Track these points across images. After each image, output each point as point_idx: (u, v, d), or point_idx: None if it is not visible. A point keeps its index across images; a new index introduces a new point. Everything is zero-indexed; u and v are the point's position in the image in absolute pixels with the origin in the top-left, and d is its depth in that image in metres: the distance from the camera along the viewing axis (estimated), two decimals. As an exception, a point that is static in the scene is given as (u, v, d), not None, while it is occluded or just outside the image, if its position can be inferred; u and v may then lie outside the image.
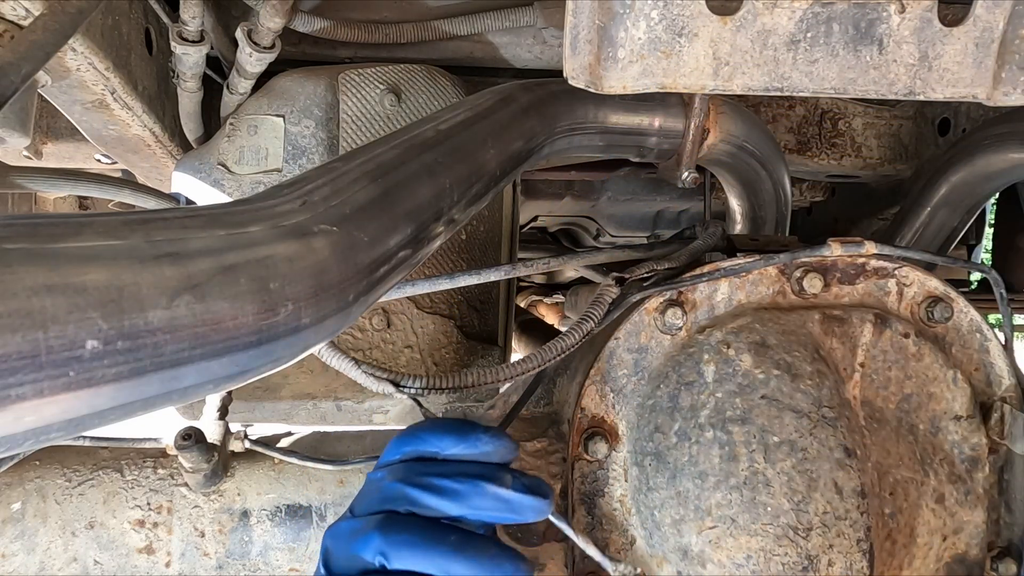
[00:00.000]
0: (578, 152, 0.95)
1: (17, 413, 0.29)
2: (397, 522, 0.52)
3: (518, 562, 0.53)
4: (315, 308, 0.41)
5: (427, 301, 0.98)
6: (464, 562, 0.51)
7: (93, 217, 0.34)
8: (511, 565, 0.53)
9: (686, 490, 0.71)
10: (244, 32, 0.87)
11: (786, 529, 0.68)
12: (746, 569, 0.68)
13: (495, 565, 0.52)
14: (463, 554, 0.51)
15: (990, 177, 1.03)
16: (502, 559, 0.53)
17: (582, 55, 0.60)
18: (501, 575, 0.52)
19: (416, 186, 0.53)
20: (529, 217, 1.95)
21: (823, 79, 0.61)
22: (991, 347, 0.79)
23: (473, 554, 0.51)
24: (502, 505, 0.54)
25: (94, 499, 0.85)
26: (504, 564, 0.52)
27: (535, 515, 0.55)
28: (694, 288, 0.75)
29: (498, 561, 0.52)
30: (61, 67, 0.73)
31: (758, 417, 0.71)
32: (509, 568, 0.52)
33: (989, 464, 0.78)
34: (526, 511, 0.54)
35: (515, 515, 0.54)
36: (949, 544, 0.77)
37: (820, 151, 1.32)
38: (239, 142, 0.96)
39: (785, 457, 0.70)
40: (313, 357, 0.97)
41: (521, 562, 0.53)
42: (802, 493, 0.69)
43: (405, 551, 0.51)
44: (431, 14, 1.00)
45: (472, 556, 0.51)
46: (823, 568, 0.67)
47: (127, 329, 0.31)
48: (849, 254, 0.75)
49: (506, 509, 0.54)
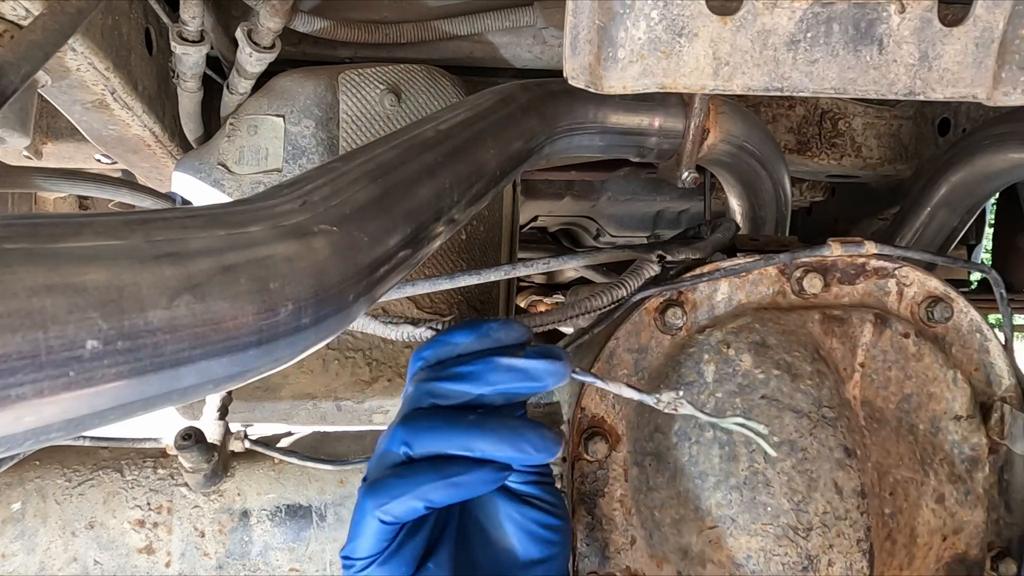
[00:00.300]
0: (578, 152, 0.95)
1: (17, 413, 0.29)
2: (418, 414, 0.52)
3: (541, 431, 0.52)
4: (315, 308, 0.41)
5: (427, 301, 0.98)
6: (484, 436, 0.50)
7: (93, 217, 0.34)
8: (534, 435, 0.51)
9: (686, 490, 0.71)
10: (244, 32, 0.87)
11: (786, 529, 0.68)
12: (746, 569, 0.68)
13: (518, 436, 0.50)
14: (482, 429, 0.50)
15: (990, 177, 1.03)
16: (524, 429, 0.51)
17: (582, 55, 0.60)
18: (525, 445, 0.50)
19: (416, 186, 0.53)
20: (529, 217, 1.95)
21: (823, 79, 0.61)
22: (991, 347, 0.79)
23: (493, 427, 0.51)
24: (518, 375, 0.52)
25: (94, 499, 0.85)
26: (526, 434, 0.51)
27: (554, 379, 0.53)
28: (694, 288, 0.75)
29: (521, 432, 0.51)
30: (61, 67, 0.73)
31: (758, 417, 0.71)
32: (532, 437, 0.51)
33: (989, 464, 0.78)
34: (543, 376, 0.53)
35: (534, 382, 0.53)
36: (949, 544, 0.77)
37: (820, 151, 1.32)
38: (239, 142, 0.96)
39: (785, 457, 0.70)
40: (313, 357, 0.97)
41: (545, 431, 0.52)
42: (802, 493, 0.69)
43: (425, 436, 0.51)
44: (431, 14, 1.00)
45: (493, 429, 0.50)
46: (823, 568, 0.67)
47: (127, 329, 0.31)
48: (849, 254, 0.75)
49: (523, 378, 0.52)
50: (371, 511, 0.50)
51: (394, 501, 0.49)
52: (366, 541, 0.50)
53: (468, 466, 0.50)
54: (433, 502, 0.49)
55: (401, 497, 0.49)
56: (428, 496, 0.49)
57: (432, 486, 0.49)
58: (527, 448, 0.50)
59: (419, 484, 0.49)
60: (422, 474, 0.50)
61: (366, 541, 0.50)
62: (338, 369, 0.96)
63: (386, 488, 0.50)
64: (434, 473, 0.49)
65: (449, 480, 0.49)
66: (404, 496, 0.49)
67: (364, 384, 0.96)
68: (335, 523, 0.88)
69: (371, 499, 0.50)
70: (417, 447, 0.51)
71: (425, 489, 0.49)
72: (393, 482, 0.50)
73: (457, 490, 0.50)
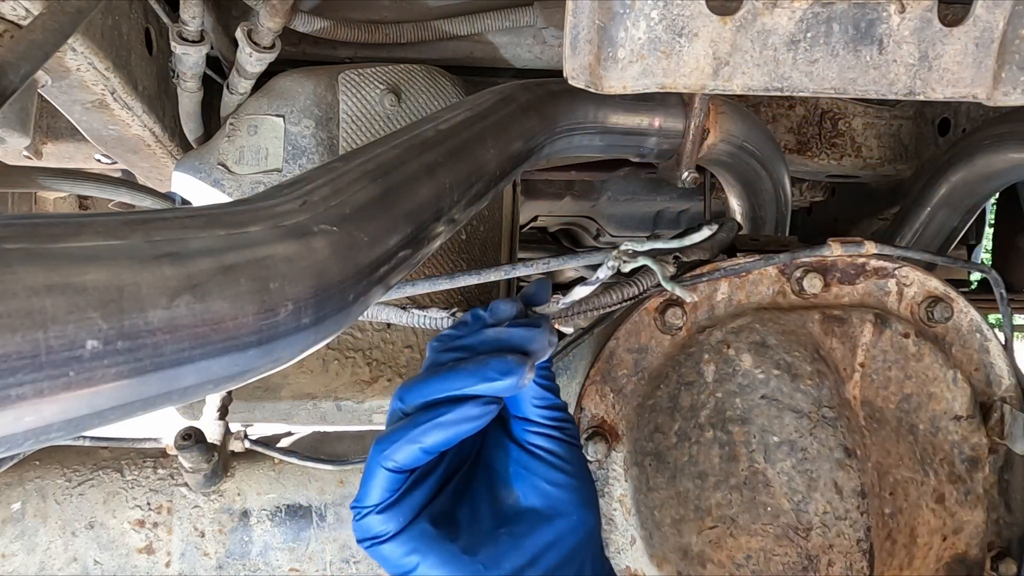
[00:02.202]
0: (578, 152, 0.95)
1: (17, 413, 0.29)
2: (413, 378, 0.57)
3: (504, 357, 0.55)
4: (315, 308, 0.41)
5: (427, 301, 0.98)
6: (457, 374, 0.54)
7: (93, 217, 0.34)
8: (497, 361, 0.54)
9: (686, 490, 0.71)
10: (244, 32, 0.87)
11: (786, 529, 0.68)
12: (746, 569, 0.68)
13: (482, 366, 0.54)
14: (456, 370, 0.54)
15: (990, 177, 1.03)
16: (489, 359, 0.54)
17: (582, 55, 0.60)
18: (489, 372, 0.53)
19: (416, 186, 0.53)
20: (529, 217, 1.95)
21: (823, 79, 0.61)
22: (991, 347, 0.79)
23: (464, 366, 0.54)
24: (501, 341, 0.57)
25: (94, 499, 0.85)
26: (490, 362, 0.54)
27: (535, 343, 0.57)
28: (694, 288, 0.75)
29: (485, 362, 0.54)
30: (61, 67, 0.73)
31: (758, 417, 0.71)
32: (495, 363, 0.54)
33: (989, 464, 0.78)
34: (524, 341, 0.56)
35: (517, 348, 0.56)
36: (949, 544, 0.77)
37: (820, 151, 1.32)
38: (239, 142, 0.96)
39: (785, 457, 0.70)
40: (313, 357, 0.97)
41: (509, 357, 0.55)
42: (802, 493, 0.69)
43: (412, 389, 0.55)
44: (431, 14, 1.00)
45: (464, 367, 0.54)
46: (823, 568, 0.67)
47: (127, 329, 0.31)
48: (849, 254, 0.75)
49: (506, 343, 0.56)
50: (376, 460, 0.54)
51: (392, 446, 0.53)
52: (373, 490, 0.54)
53: (451, 406, 0.53)
54: (428, 445, 0.53)
55: (398, 442, 0.53)
56: (420, 439, 0.53)
57: (422, 428, 0.53)
58: (491, 374, 0.53)
59: (412, 428, 0.53)
60: (415, 420, 0.53)
61: (373, 490, 0.54)
62: (338, 369, 0.96)
63: (388, 438, 0.54)
64: (424, 416, 0.53)
65: (436, 421, 0.53)
66: (400, 441, 0.53)
67: (364, 384, 0.95)
68: (335, 523, 0.88)
69: (377, 447, 0.54)
70: (408, 399, 0.55)
71: (417, 432, 0.53)
72: (393, 432, 0.54)
73: (445, 430, 0.53)
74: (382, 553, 0.55)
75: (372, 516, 0.54)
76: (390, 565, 0.55)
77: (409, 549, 0.54)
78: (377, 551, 0.55)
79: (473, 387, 0.54)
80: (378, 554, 0.55)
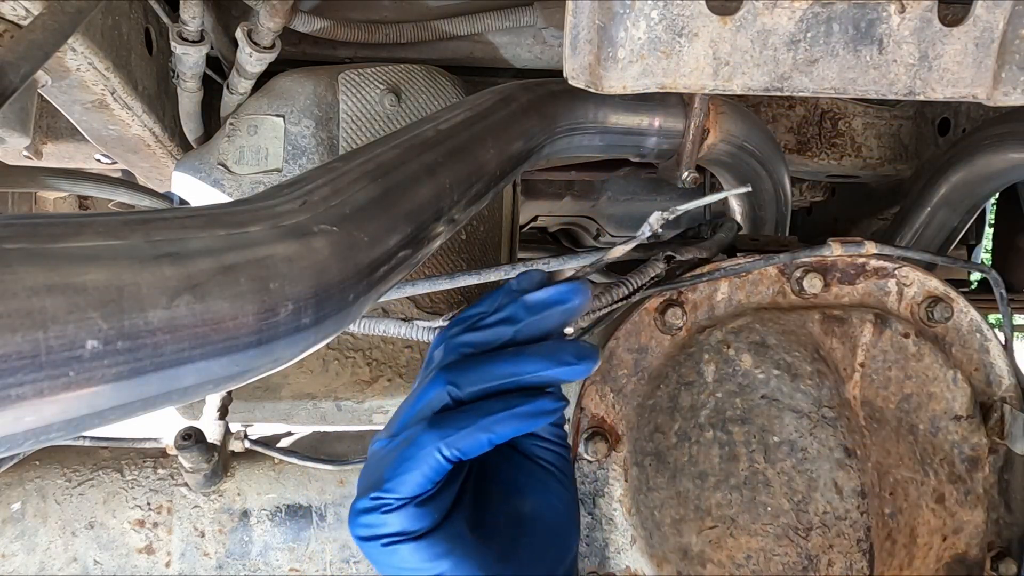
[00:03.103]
0: (578, 152, 0.95)
1: (17, 413, 0.29)
2: (456, 361, 0.52)
3: (577, 343, 0.52)
4: (315, 308, 0.41)
5: (427, 301, 0.98)
6: (529, 359, 0.50)
7: (93, 217, 0.34)
8: (572, 347, 0.51)
9: (686, 490, 0.71)
10: (244, 32, 0.87)
11: (786, 529, 0.68)
12: (746, 569, 0.68)
13: (558, 350, 0.50)
14: (524, 354, 0.50)
15: (990, 177, 1.03)
16: (562, 344, 0.51)
17: (582, 55, 0.60)
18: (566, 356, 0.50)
19: (416, 186, 0.53)
20: (529, 217, 1.95)
21: (823, 79, 0.61)
22: (991, 347, 0.79)
23: (533, 351, 0.50)
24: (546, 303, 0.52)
25: (94, 499, 0.85)
26: (565, 347, 0.51)
27: (580, 296, 0.53)
28: (694, 288, 0.75)
29: (559, 347, 0.51)
30: (61, 67, 0.73)
31: (758, 417, 0.71)
32: (570, 348, 0.51)
33: (989, 464, 0.78)
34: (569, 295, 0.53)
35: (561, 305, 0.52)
36: (949, 544, 0.77)
37: (820, 151, 1.32)
38: (239, 142, 0.96)
39: (785, 457, 0.70)
40: (313, 357, 0.97)
41: (581, 343, 0.52)
42: (802, 493, 0.69)
43: (472, 373, 0.50)
44: (431, 14, 1.00)
45: (534, 352, 0.50)
46: (823, 568, 0.67)
47: (127, 329, 0.31)
48: (849, 254, 0.75)
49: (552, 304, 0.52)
50: (432, 445, 0.47)
51: (459, 433, 0.47)
52: (415, 478, 0.47)
53: (529, 396, 0.49)
54: (498, 435, 0.48)
55: (467, 428, 0.47)
56: (494, 428, 0.48)
57: (496, 418, 0.48)
58: (569, 359, 0.50)
59: (483, 416, 0.48)
60: (486, 407, 0.48)
61: (415, 478, 0.47)
62: (338, 369, 0.96)
63: (451, 421, 0.48)
64: (497, 405, 0.48)
65: (513, 411, 0.48)
66: (470, 428, 0.47)
67: (364, 384, 0.96)
68: (335, 523, 0.88)
69: (435, 432, 0.47)
70: (466, 386, 0.49)
71: (489, 421, 0.48)
72: (457, 416, 0.48)
73: (519, 422, 0.48)
74: (401, 553, 0.47)
75: (408, 508, 0.47)
76: (407, 567, 0.48)
77: (442, 551, 0.48)
78: (395, 550, 0.47)
79: (546, 371, 0.49)
80: (394, 554, 0.48)
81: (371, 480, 0.49)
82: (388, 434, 0.51)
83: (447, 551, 0.48)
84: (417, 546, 0.47)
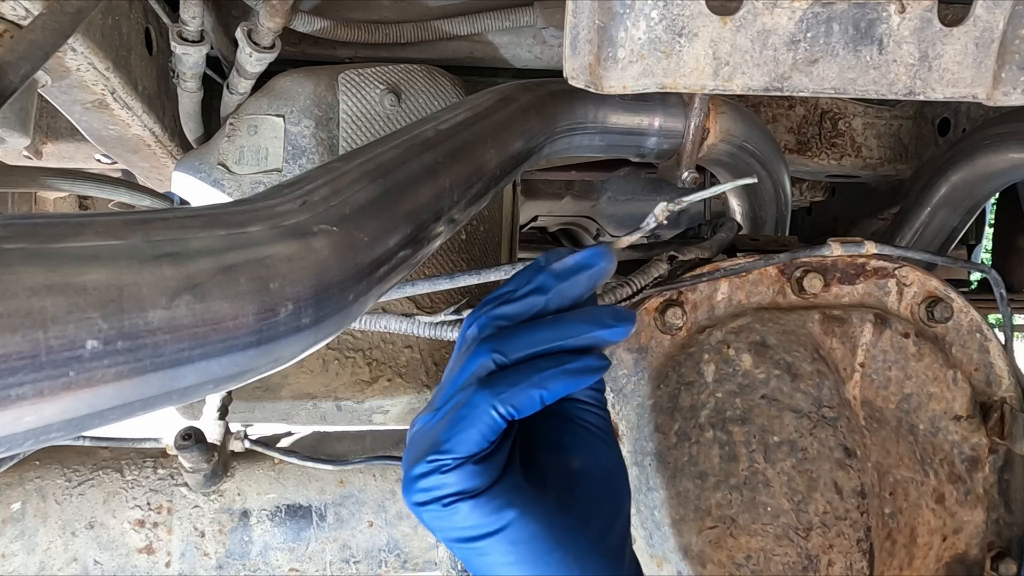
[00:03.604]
0: (578, 152, 0.95)
1: (17, 413, 0.29)
2: (495, 331, 0.52)
3: (612, 308, 0.53)
4: (315, 308, 0.41)
5: (427, 301, 0.98)
6: (571, 324, 0.51)
7: (93, 217, 0.34)
8: (609, 311, 0.52)
9: (686, 490, 0.71)
10: (244, 32, 0.87)
11: (786, 529, 0.68)
12: (746, 569, 0.68)
13: (598, 315, 0.52)
14: (565, 320, 0.51)
15: (990, 177, 1.03)
16: (599, 309, 0.52)
17: (582, 55, 0.60)
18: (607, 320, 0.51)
19: (416, 186, 0.53)
20: (529, 217, 1.95)
21: (823, 79, 0.61)
22: (991, 347, 0.79)
23: (573, 316, 0.51)
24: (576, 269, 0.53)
25: (94, 499, 0.85)
26: (603, 311, 0.52)
27: (606, 259, 0.54)
28: (694, 288, 0.75)
29: (598, 311, 0.52)
30: (61, 67, 0.73)
31: (758, 417, 0.71)
32: (608, 312, 0.52)
33: (989, 464, 0.78)
34: (596, 259, 0.53)
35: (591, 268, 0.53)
36: (949, 544, 0.77)
37: (820, 151, 1.32)
38: (239, 142, 0.96)
39: (785, 457, 0.70)
40: (313, 357, 0.97)
41: (616, 308, 0.53)
42: (802, 493, 0.69)
43: (516, 340, 0.50)
44: (431, 14, 1.00)
45: (574, 317, 0.51)
46: (823, 568, 0.67)
47: (127, 329, 0.31)
48: (849, 254, 0.75)
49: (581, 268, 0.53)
50: (487, 403, 0.48)
51: (513, 390, 0.48)
52: (472, 436, 0.48)
53: (578, 355, 0.50)
54: (550, 392, 0.49)
55: (520, 386, 0.48)
56: (547, 384, 0.49)
57: (547, 375, 0.49)
58: (608, 321, 0.51)
59: (535, 374, 0.49)
60: (536, 366, 0.49)
61: (472, 436, 0.48)
62: (338, 369, 0.96)
63: (504, 380, 0.49)
64: (547, 363, 0.49)
65: (563, 368, 0.49)
66: (523, 384, 0.48)
67: (364, 384, 0.95)
68: (335, 523, 0.88)
69: (488, 391, 0.48)
70: (511, 352, 0.50)
71: (541, 378, 0.49)
72: (508, 375, 0.49)
73: (571, 377, 0.49)
74: (462, 512, 0.48)
75: (466, 467, 0.47)
76: (468, 524, 0.48)
77: (505, 502, 0.48)
78: (456, 509, 0.48)
79: (588, 334, 0.50)
80: (455, 513, 0.48)
81: (422, 448, 0.49)
82: (431, 409, 0.52)
83: (509, 502, 0.48)
84: (478, 502, 0.48)
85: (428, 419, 0.51)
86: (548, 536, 0.49)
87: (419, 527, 0.89)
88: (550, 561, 0.49)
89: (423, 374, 0.97)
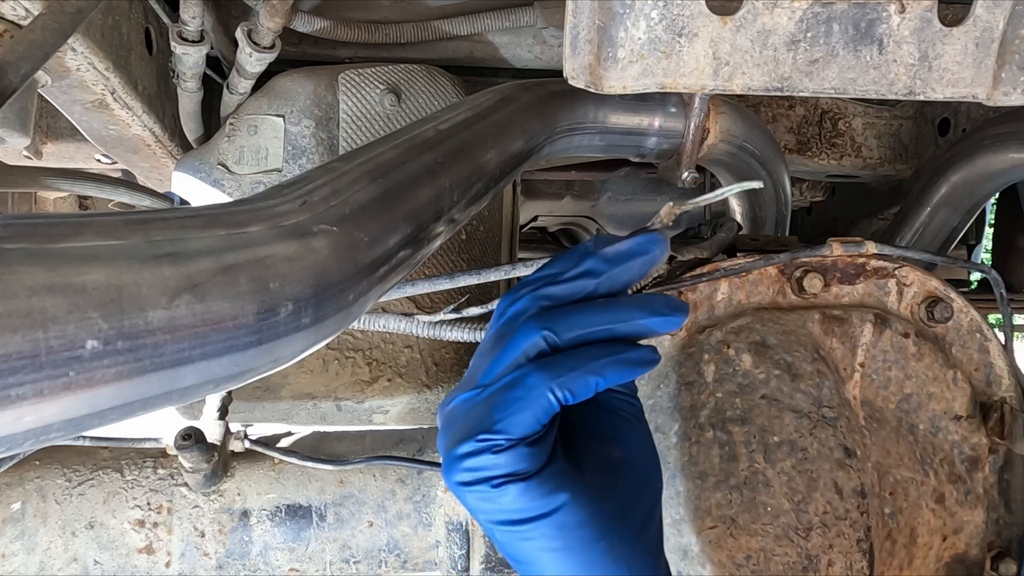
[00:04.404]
0: (578, 152, 0.95)
1: (17, 413, 0.29)
2: (544, 310, 0.50)
3: (665, 296, 0.52)
4: (315, 308, 0.41)
5: (427, 301, 0.98)
6: (625, 309, 0.50)
7: (93, 217, 0.34)
8: (662, 298, 0.51)
9: (686, 490, 0.71)
10: (244, 32, 0.87)
11: (786, 529, 0.68)
12: (746, 569, 0.68)
13: (651, 302, 0.50)
14: (618, 304, 0.50)
15: (990, 177, 1.04)
16: (651, 297, 0.51)
17: (582, 55, 0.60)
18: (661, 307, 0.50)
19: (416, 186, 0.53)
20: (529, 217, 1.96)
21: (823, 79, 0.61)
22: (991, 347, 0.79)
23: (626, 302, 0.50)
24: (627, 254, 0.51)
25: (94, 499, 0.85)
26: (656, 298, 0.51)
27: (660, 246, 0.53)
28: (694, 288, 0.75)
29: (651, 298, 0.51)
30: (61, 67, 0.73)
31: (758, 417, 0.71)
32: (661, 299, 0.51)
33: (989, 464, 0.78)
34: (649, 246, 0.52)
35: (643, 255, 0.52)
36: (949, 544, 0.77)
37: (820, 151, 1.32)
38: (239, 142, 0.96)
39: (785, 457, 0.70)
40: (313, 357, 0.97)
41: (668, 295, 0.52)
42: (802, 493, 0.69)
43: (568, 321, 0.49)
44: (431, 14, 1.00)
45: (627, 303, 0.50)
46: (823, 568, 0.67)
47: (127, 329, 0.31)
48: (849, 254, 0.75)
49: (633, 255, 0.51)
50: (544, 386, 0.47)
51: (571, 374, 0.47)
52: (527, 418, 0.47)
53: (632, 346, 0.49)
54: (607, 379, 0.48)
55: (578, 371, 0.47)
56: (604, 371, 0.48)
57: (606, 361, 0.48)
58: (663, 309, 0.50)
59: (591, 360, 0.48)
60: (591, 352, 0.48)
61: (527, 418, 0.47)
62: (338, 369, 0.96)
63: (561, 363, 0.48)
64: (602, 351, 0.48)
65: (619, 357, 0.48)
66: (581, 370, 0.47)
67: (364, 384, 0.95)
68: (335, 523, 0.88)
69: (545, 373, 0.47)
70: (563, 332, 0.49)
71: (598, 365, 0.48)
72: (565, 358, 0.48)
73: (626, 367, 0.49)
74: (511, 494, 0.47)
75: (518, 449, 0.46)
76: (515, 507, 0.47)
77: (556, 485, 0.47)
78: (505, 491, 0.47)
79: (642, 320, 0.49)
80: (503, 495, 0.47)
81: (468, 426, 0.48)
82: (473, 385, 0.50)
83: (559, 487, 0.48)
84: (528, 485, 0.47)
85: (472, 396, 0.50)
86: (594, 524, 0.49)
87: (419, 527, 0.89)
88: (594, 550, 0.48)
89: (423, 374, 0.97)
